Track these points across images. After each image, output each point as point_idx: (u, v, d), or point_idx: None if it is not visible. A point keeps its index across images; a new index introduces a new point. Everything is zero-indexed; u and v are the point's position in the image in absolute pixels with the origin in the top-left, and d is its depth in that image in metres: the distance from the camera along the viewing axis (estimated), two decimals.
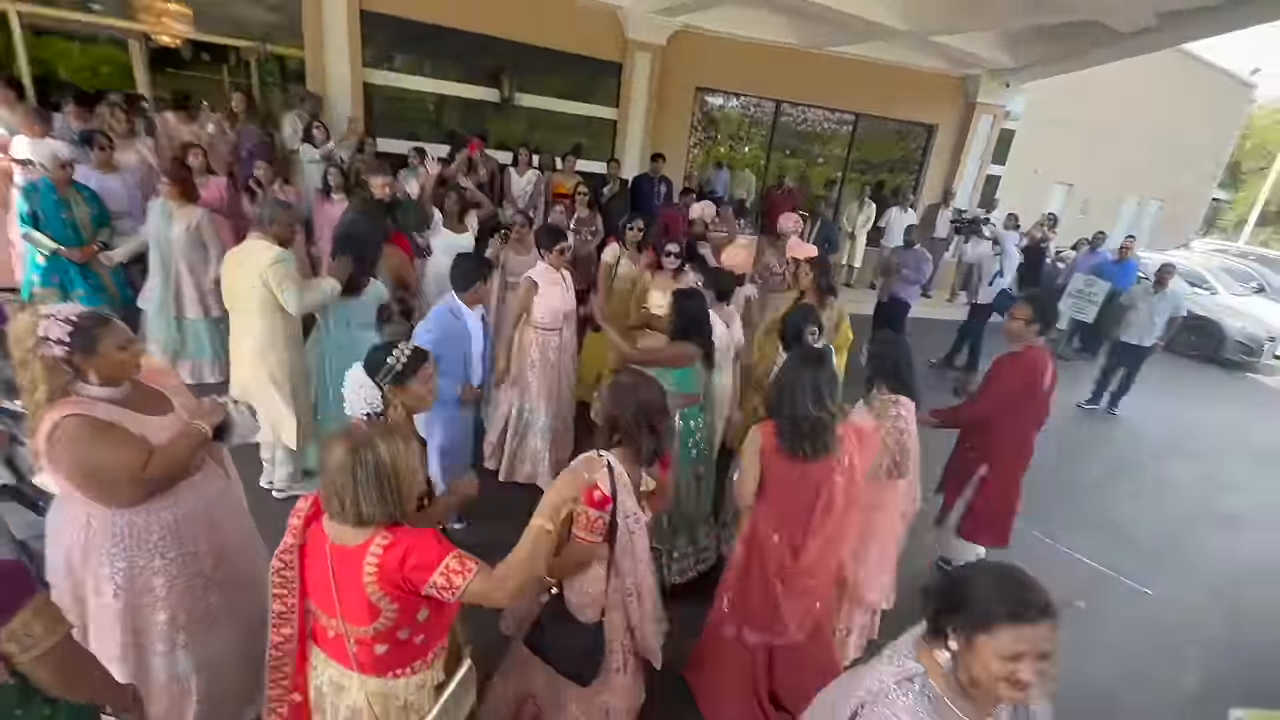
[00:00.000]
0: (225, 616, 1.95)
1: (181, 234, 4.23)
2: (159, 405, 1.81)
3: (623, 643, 2.05)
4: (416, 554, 1.36)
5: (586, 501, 1.80)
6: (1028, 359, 3.05)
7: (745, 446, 2.22)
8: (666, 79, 8.47)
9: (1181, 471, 5.53)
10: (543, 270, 3.71)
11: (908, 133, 10.70)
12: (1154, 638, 3.36)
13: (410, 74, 7.53)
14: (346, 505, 1.35)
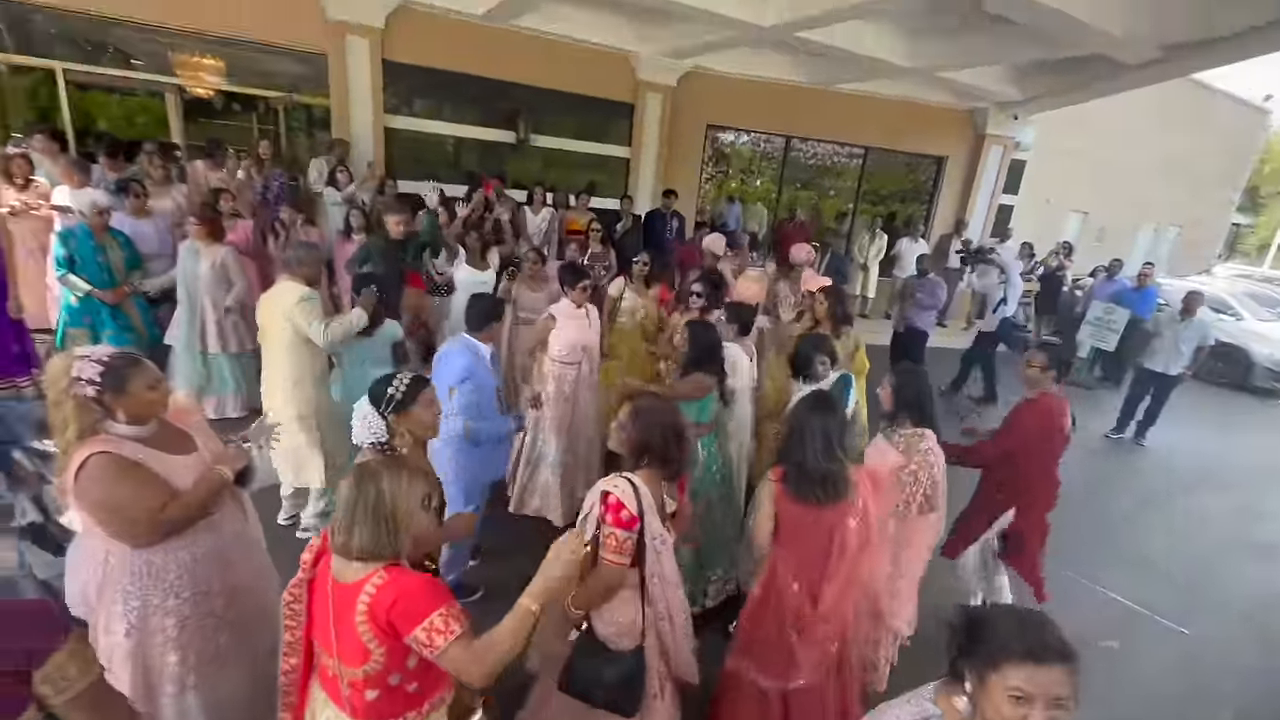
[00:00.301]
0: (235, 657, 1.95)
1: (207, 271, 4.41)
2: (183, 445, 1.85)
3: (658, 669, 2.04)
4: (406, 601, 1.34)
5: (614, 523, 1.80)
6: (1043, 405, 3.03)
7: (760, 492, 2.22)
8: (677, 118, 8.69)
9: (1213, 503, 5.35)
10: (565, 306, 3.79)
11: (918, 165, 10.81)
12: (1190, 678, 3.22)
13: (429, 118, 7.81)
14: (344, 538, 1.37)
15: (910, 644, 2.82)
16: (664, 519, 1.96)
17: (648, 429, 1.92)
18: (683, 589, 2.07)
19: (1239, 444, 6.91)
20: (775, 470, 2.19)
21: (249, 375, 4.79)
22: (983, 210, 10.94)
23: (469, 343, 2.96)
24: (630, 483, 1.86)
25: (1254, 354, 8.94)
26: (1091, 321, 7.35)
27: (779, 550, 2.22)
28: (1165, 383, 6.32)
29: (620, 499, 1.82)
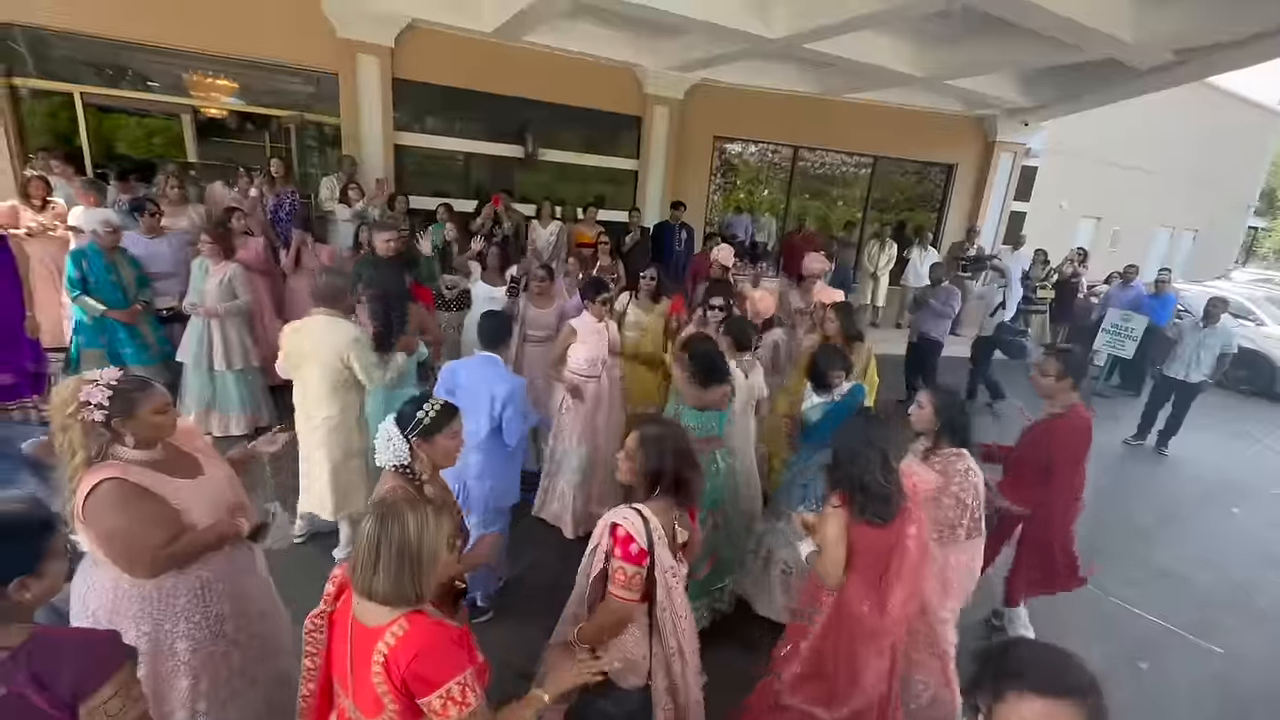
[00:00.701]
0: (247, 682, 1.93)
1: (215, 287, 4.44)
2: (191, 468, 1.84)
3: (665, 707, 1.96)
4: (425, 661, 1.26)
5: (623, 557, 1.74)
6: (1079, 423, 2.94)
7: (828, 528, 2.07)
8: (685, 130, 8.71)
9: (1240, 514, 5.21)
10: (586, 320, 3.80)
11: (927, 173, 10.76)
12: (1226, 702, 3.10)
13: (439, 135, 7.89)
14: (367, 578, 1.28)
15: None
16: (675, 550, 1.89)
17: (658, 457, 1.84)
18: (693, 619, 2.02)
19: (1263, 452, 6.74)
20: (838, 498, 2.08)
21: (254, 392, 4.81)
22: (994, 217, 10.85)
23: (494, 359, 2.97)
24: (640, 515, 1.79)
25: (1277, 360, 8.74)
26: (1108, 329, 7.22)
27: (850, 576, 2.10)
28: (1187, 390, 6.18)
29: (630, 532, 1.76)
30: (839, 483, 2.08)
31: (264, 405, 4.92)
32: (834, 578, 2.08)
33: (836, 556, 2.05)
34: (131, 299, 4.54)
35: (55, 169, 5.43)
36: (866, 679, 2.09)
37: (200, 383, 4.61)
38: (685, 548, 1.99)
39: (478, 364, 2.99)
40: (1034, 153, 10.98)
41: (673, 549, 1.87)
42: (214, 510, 1.83)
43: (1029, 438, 3.07)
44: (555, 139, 8.31)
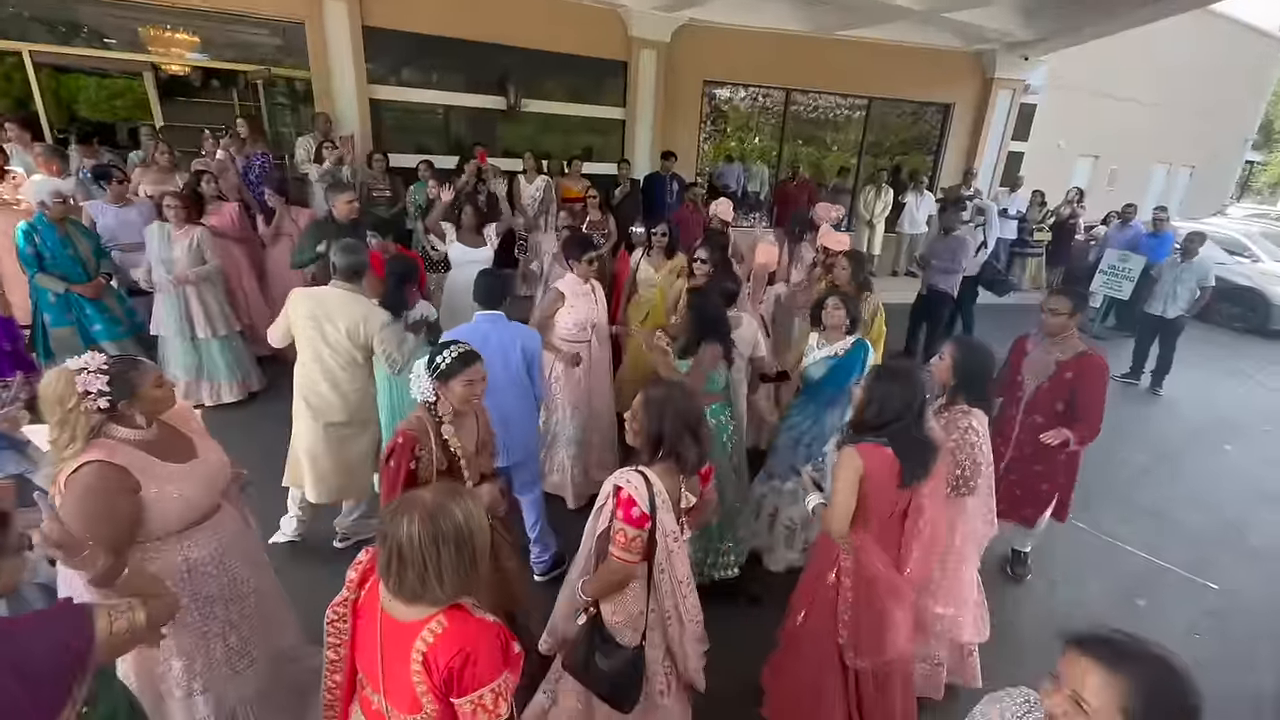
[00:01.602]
0: (245, 660, 1.92)
1: (183, 253, 4.26)
2: (183, 451, 1.79)
3: (664, 666, 1.98)
4: (473, 660, 1.21)
5: (625, 520, 1.74)
6: (1100, 359, 2.93)
7: (841, 474, 1.95)
8: (673, 75, 8.35)
9: (1234, 451, 5.27)
10: (571, 281, 3.64)
11: (923, 114, 10.43)
12: (1222, 638, 3.16)
13: (415, 87, 7.52)
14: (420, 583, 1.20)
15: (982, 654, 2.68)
16: (679, 514, 1.86)
17: (661, 420, 1.80)
18: (694, 586, 1.98)
19: (1256, 389, 6.78)
20: (867, 448, 1.95)
21: (240, 358, 4.71)
22: (991, 159, 10.60)
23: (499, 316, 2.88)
24: (644, 478, 1.77)
25: (1271, 296, 8.73)
26: (1106, 270, 7.15)
27: (860, 536, 2.01)
28: (1167, 326, 6.22)
29: (632, 495, 1.74)
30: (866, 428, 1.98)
31: (253, 371, 4.84)
32: (839, 529, 1.98)
33: (847, 505, 1.95)
34: (93, 272, 4.36)
35: (10, 135, 5.14)
36: (893, 636, 2.07)
37: (185, 352, 4.49)
38: (691, 512, 1.96)
39: (486, 323, 2.85)
40: (1033, 89, 10.64)
41: (676, 513, 1.84)
42: (208, 493, 1.81)
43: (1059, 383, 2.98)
44: (538, 89, 7.94)
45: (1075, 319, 2.93)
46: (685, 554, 1.91)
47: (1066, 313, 2.91)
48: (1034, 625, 3.15)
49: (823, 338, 3.19)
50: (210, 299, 4.43)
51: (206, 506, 1.80)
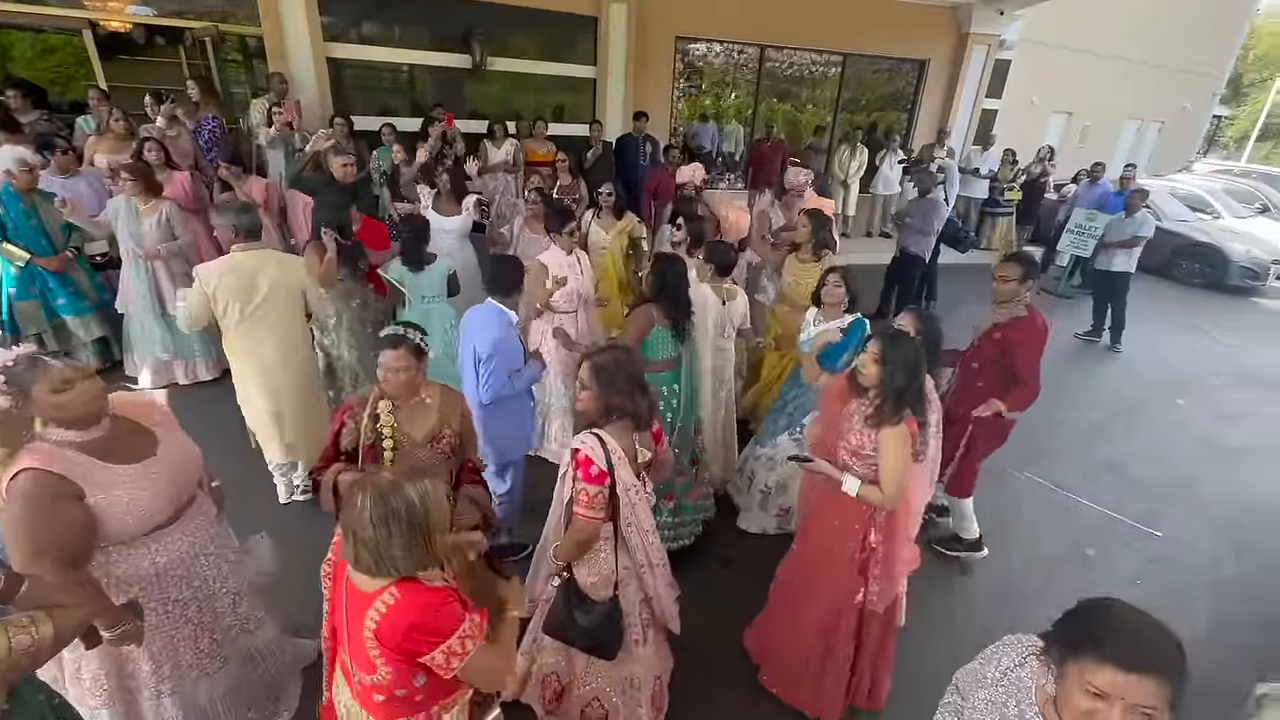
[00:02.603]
0: (216, 661, 1.91)
1: (152, 229, 4.10)
2: (138, 449, 1.69)
3: (640, 615, 2.11)
4: (422, 626, 1.26)
5: (584, 479, 1.83)
6: (1039, 322, 2.96)
7: (897, 451, 2.02)
8: (644, 30, 8.08)
9: (1187, 406, 5.50)
10: (554, 254, 3.60)
11: (899, 70, 10.30)
12: (1164, 584, 3.37)
13: (376, 44, 7.18)
14: (368, 555, 1.25)
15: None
16: (638, 470, 1.97)
17: (610, 384, 1.89)
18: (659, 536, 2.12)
19: (1213, 345, 7.04)
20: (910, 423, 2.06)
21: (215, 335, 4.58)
22: (965, 116, 10.55)
23: (499, 311, 2.75)
24: (599, 439, 1.87)
25: (1230, 253, 8.96)
26: (1073, 229, 7.26)
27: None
28: (1115, 281, 6.47)
29: (589, 455, 1.85)
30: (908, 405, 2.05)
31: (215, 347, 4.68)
32: (898, 499, 2.07)
33: (904, 478, 2.04)
34: (60, 244, 4.21)
35: None
36: (899, 570, 2.24)
37: (159, 329, 4.35)
38: (650, 467, 2.05)
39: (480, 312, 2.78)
40: (1008, 44, 10.54)
41: (635, 469, 1.95)
42: (168, 492, 1.71)
43: (988, 342, 3.05)
44: (505, 46, 7.64)
45: (1025, 285, 2.94)
46: (647, 505, 2.01)
47: (1016, 279, 2.91)
48: (989, 575, 3.32)
49: (821, 313, 3.19)
50: (180, 274, 4.26)
51: (170, 507, 1.74)
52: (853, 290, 3.09)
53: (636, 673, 2.14)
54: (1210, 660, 2.86)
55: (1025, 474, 4.18)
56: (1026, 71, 11.29)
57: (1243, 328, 7.66)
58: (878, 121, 10.53)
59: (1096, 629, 1.05)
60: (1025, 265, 2.95)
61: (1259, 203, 11.10)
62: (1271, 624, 3.12)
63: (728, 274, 3.33)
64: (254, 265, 2.91)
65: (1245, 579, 3.45)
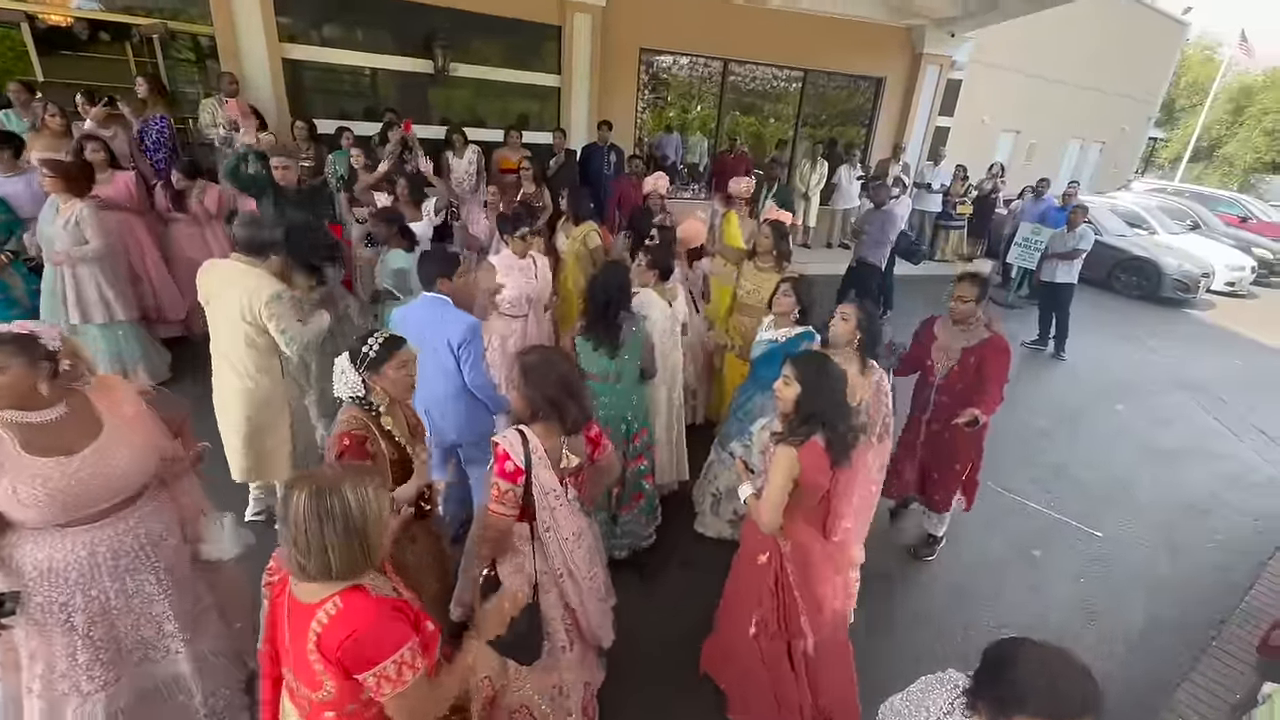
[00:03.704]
0: (98, 682, 1.78)
1: (61, 230, 3.77)
2: (71, 442, 1.62)
3: (564, 622, 2.07)
4: (360, 641, 1.21)
5: (499, 474, 1.82)
6: (1002, 341, 3.05)
7: (777, 474, 1.99)
8: (609, 41, 8.15)
9: (1126, 412, 5.76)
10: (505, 257, 3.59)
11: (857, 87, 10.61)
12: (1104, 584, 3.51)
13: (334, 46, 7.06)
14: (304, 561, 1.21)
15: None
16: (561, 475, 1.93)
17: (539, 383, 1.89)
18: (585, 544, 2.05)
19: (1149, 354, 7.40)
20: (808, 446, 1.99)
21: (127, 349, 4.27)
22: (920, 132, 10.94)
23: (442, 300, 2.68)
24: (521, 435, 1.86)
25: (1164, 266, 9.46)
26: (1020, 243, 7.58)
27: (797, 519, 2.09)
28: (1060, 293, 6.78)
29: (507, 450, 1.84)
30: (811, 428, 2.01)
31: (145, 361, 4.33)
32: (770, 522, 2.03)
33: (779, 501, 2.00)
34: None
35: None
36: (828, 605, 2.19)
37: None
38: (578, 474, 2.02)
39: (423, 306, 2.71)
40: (959, 65, 10.99)
41: (558, 473, 1.92)
42: (106, 486, 1.65)
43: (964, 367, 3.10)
44: (468, 52, 7.60)
45: (981, 305, 3.04)
46: (571, 512, 1.97)
47: (973, 299, 3.00)
48: (943, 575, 3.42)
49: (772, 321, 3.22)
50: (88, 282, 3.96)
51: (85, 506, 1.65)
52: (804, 300, 3.08)
53: (566, 679, 2.11)
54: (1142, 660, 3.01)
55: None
56: (977, 91, 11.77)
57: (1176, 337, 8.09)
58: (837, 136, 10.82)
59: (1020, 687, 1.11)
60: (981, 285, 3.04)
61: (1190, 220, 11.77)
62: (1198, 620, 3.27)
63: (667, 278, 3.36)
64: (222, 273, 2.76)
65: (1177, 575, 3.63)
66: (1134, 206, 11.03)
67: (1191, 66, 27.10)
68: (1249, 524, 4.18)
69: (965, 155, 10.56)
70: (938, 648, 2.93)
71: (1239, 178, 25.27)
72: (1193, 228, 11.50)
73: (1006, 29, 10.18)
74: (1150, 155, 25.05)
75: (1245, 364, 7.32)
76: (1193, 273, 9.42)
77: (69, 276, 3.94)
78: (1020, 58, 12.39)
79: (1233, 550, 3.87)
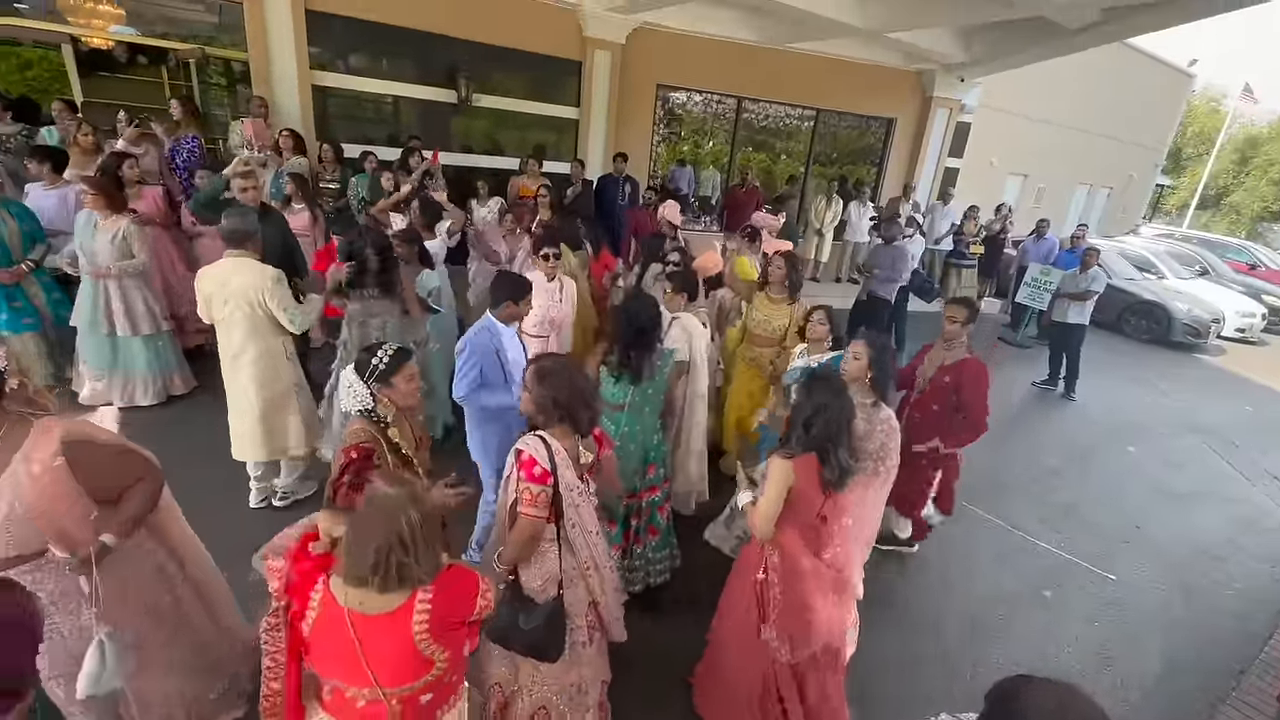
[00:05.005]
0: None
1: (107, 245, 3.99)
2: None
3: (586, 617, 2.10)
4: (462, 591, 1.42)
5: (528, 479, 1.87)
6: (979, 363, 3.27)
7: (772, 482, 2.07)
8: (627, 77, 8.41)
9: (1137, 453, 5.71)
10: (536, 276, 3.68)
11: (868, 127, 10.84)
12: (1118, 625, 3.44)
13: (362, 75, 7.31)
14: (385, 575, 1.31)
15: None
16: (580, 472, 2.01)
17: (554, 389, 1.94)
18: (605, 538, 2.14)
19: (1161, 398, 7.36)
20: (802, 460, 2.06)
21: (164, 359, 4.43)
22: (930, 173, 11.12)
23: (486, 320, 2.81)
24: (542, 440, 1.92)
25: (1174, 311, 9.48)
26: (1029, 283, 7.61)
27: (788, 534, 2.13)
28: (1070, 332, 6.77)
29: (532, 455, 1.89)
30: (810, 443, 2.06)
31: (178, 371, 4.54)
32: (764, 531, 2.11)
33: (773, 511, 2.09)
34: (16, 258, 4.09)
35: None
36: (823, 622, 2.19)
37: (97, 348, 4.20)
38: (592, 470, 2.09)
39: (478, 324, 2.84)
40: (968, 109, 11.22)
41: (577, 470, 1.98)
42: None
43: (939, 385, 3.31)
44: (490, 84, 7.85)
45: (968, 327, 3.29)
46: (590, 507, 2.03)
47: (961, 320, 3.26)
48: (953, 612, 3.36)
49: (806, 349, 3.33)
50: (135, 295, 4.15)
51: None
52: (836, 328, 3.29)
53: (584, 676, 2.13)
54: (1157, 706, 2.93)
55: (983, 513, 4.28)
56: (985, 134, 11.98)
57: (1187, 381, 8.04)
58: (847, 174, 11.01)
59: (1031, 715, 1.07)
60: (969, 309, 3.31)
61: (1198, 265, 11.81)
62: (1215, 668, 3.20)
63: (695, 298, 3.42)
64: (224, 272, 3.04)
65: (1193, 620, 3.55)
66: (1143, 251, 11.09)
67: (1198, 117, 27.54)
68: (1266, 571, 4.10)
69: (973, 196, 10.69)
70: (953, 688, 2.87)
71: (1246, 225, 25.45)
72: (1201, 273, 11.53)
73: (1015, 76, 10.42)
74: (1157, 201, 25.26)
75: (1257, 410, 7.27)
76: (1203, 318, 9.41)
77: (115, 289, 4.09)
78: (1028, 104, 12.64)
79: (1250, 598, 3.80)
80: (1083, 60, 10.08)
